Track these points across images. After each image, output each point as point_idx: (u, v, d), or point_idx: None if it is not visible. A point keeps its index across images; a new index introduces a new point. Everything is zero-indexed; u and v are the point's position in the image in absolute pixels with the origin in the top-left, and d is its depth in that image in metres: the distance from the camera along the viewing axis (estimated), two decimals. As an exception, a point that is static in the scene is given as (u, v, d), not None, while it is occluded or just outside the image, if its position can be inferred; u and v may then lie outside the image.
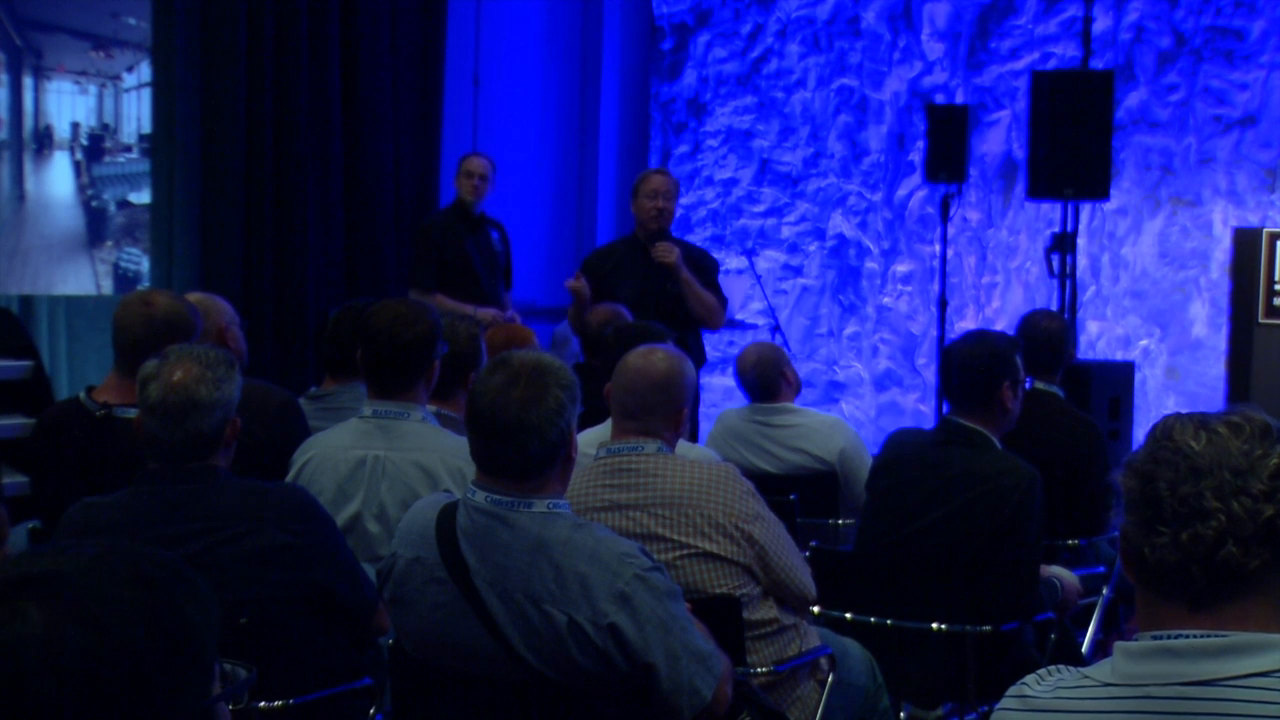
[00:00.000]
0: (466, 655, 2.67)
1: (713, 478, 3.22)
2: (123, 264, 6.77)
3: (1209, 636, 1.56)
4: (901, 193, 8.84)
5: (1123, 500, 1.65)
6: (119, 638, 1.25)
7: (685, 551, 3.17)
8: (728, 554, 3.20)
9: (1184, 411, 1.67)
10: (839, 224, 9.00)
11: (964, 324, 8.35)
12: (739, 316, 8.39)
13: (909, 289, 8.81)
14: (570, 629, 2.56)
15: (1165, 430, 1.63)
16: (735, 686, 2.83)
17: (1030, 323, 4.78)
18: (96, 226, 6.67)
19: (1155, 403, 8.09)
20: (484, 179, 6.84)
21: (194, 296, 4.33)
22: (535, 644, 2.59)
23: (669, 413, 3.27)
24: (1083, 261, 7.95)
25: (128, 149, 6.79)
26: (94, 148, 6.66)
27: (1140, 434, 7.53)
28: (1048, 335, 4.69)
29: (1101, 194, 7.14)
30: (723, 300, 6.41)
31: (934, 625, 3.72)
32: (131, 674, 1.25)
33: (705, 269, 6.38)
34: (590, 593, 2.56)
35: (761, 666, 3.26)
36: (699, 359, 6.38)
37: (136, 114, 6.78)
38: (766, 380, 4.95)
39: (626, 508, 3.19)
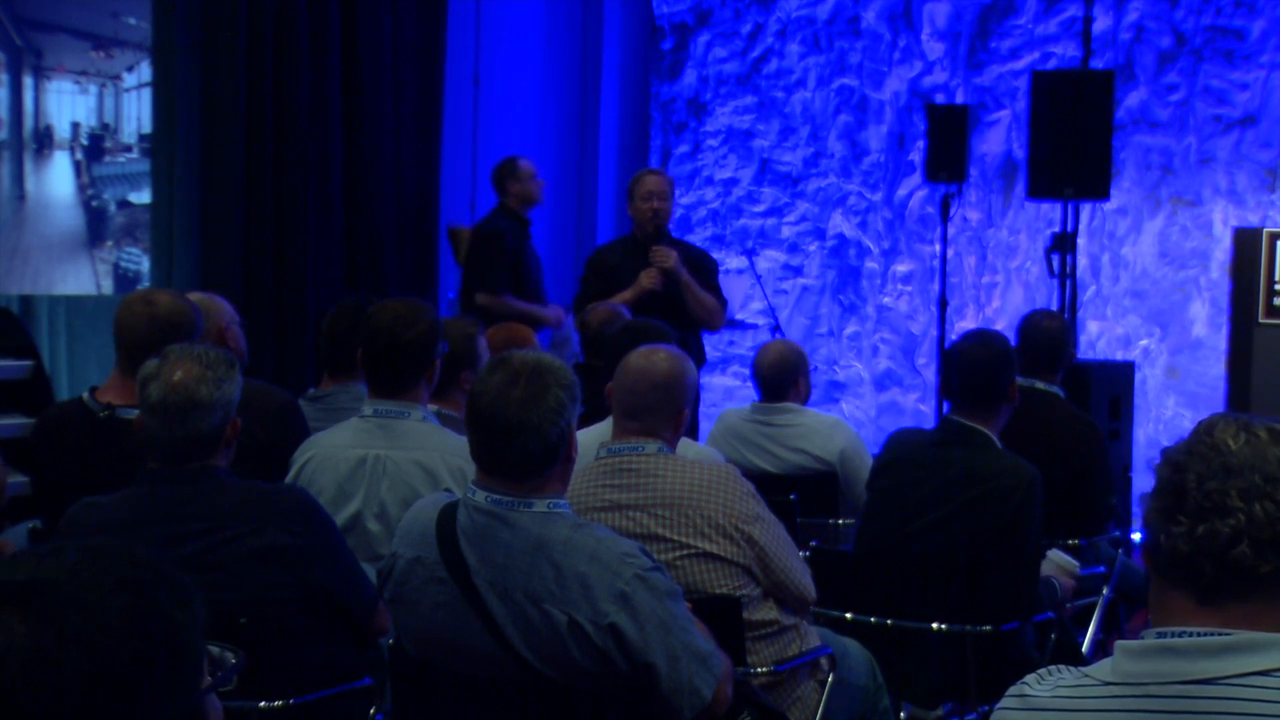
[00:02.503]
0: (467, 656, 2.67)
1: (713, 478, 3.22)
2: (123, 264, 6.77)
3: (1210, 635, 1.56)
4: (901, 193, 8.84)
5: (1153, 487, 1.65)
6: (104, 647, 1.25)
7: (685, 552, 3.18)
8: (728, 554, 3.20)
9: (1231, 413, 1.67)
10: (839, 224, 9.00)
11: (964, 324, 8.34)
12: (739, 316, 8.38)
13: (909, 289, 8.80)
14: (570, 628, 2.56)
15: (1208, 426, 1.64)
16: (735, 686, 2.83)
17: (1030, 323, 4.77)
18: (96, 226, 6.67)
19: (1155, 403, 8.09)
20: None
21: (194, 296, 4.32)
22: (535, 643, 2.59)
23: (670, 413, 3.27)
24: (1083, 261, 7.95)
25: (128, 149, 6.79)
26: (94, 147, 6.66)
27: (1140, 434, 7.55)
28: (1048, 335, 4.69)
29: (1101, 194, 7.14)
30: (722, 302, 6.44)
31: (934, 625, 3.72)
32: (118, 681, 1.25)
33: (705, 270, 6.39)
34: (590, 592, 2.56)
35: (761, 666, 3.26)
36: (699, 359, 6.40)
37: (137, 114, 6.78)
38: (778, 380, 4.94)
39: (627, 508, 3.19)
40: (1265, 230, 7.41)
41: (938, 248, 7.87)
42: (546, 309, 6.74)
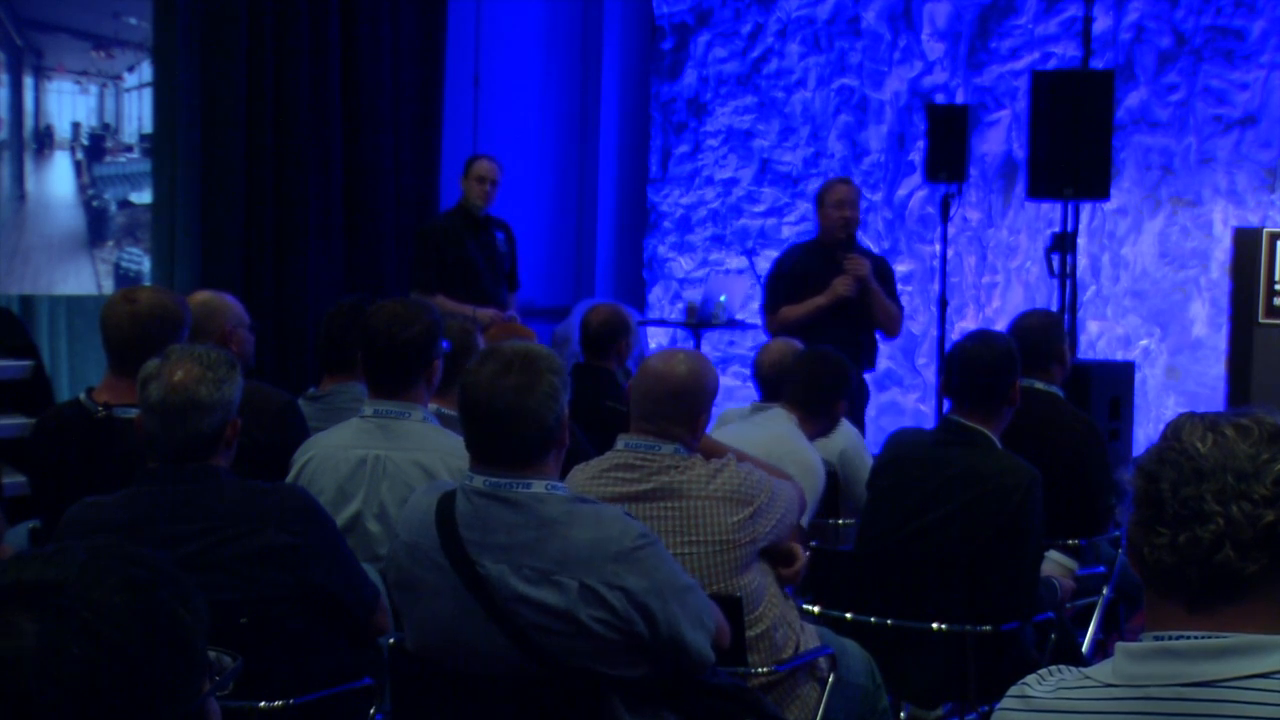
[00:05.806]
0: (467, 650, 2.69)
1: (723, 486, 3.24)
2: (124, 264, 6.77)
3: (1209, 638, 1.56)
4: (901, 193, 8.84)
5: (1130, 498, 1.65)
6: (114, 646, 1.26)
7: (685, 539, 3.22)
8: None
9: (1197, 411, 1.66)
10: (839, 224, 8.99)
11: (964, 324, 8.34)
12: (739, 316, 8.40)
13: (909, 289, 8.80)
14: (582, 592, 2.60)
15: (1175, 430, 1.63)
16: (738, 692, 2.86)
17: (1018, 322, 4.75)
18: (97, 226, 6.67)
19: (1155, 403, 8.09)
20: (494, 184, 6.91)
21: (204, 295, 4.32)
22: (544, 618, 2.62)
23: (686, 418, 3.28)
24: (1083, 261, 7.95)
25: (128, 149, 6.79)
26: (95, 147, 6.66)
27: (1140, 434, 7.53)
28: (1033, 331, 4.64)
29: (1101, 194, 7.13)
30: (901, 309, 6.57)
31: (934, 625, 3.72)
32: (128, 680, 1.26)
33: (886, 278, 6.53)
34: (600, 556, 2.61)
35: (761, 666, 3.26)
36: (870, 361, 6.52)
37: (137, 114, 6.78)
38: (778, 380, 4.94)
39: (632, 500, 3.22)
40: (1265, 230, 7.41)
41: (938, 248, 7.87)
42: (478, 310, 6.56)
